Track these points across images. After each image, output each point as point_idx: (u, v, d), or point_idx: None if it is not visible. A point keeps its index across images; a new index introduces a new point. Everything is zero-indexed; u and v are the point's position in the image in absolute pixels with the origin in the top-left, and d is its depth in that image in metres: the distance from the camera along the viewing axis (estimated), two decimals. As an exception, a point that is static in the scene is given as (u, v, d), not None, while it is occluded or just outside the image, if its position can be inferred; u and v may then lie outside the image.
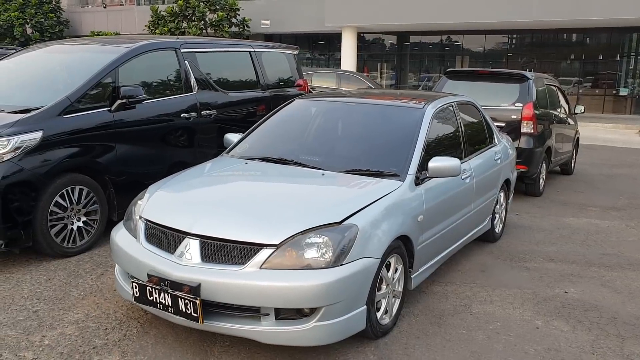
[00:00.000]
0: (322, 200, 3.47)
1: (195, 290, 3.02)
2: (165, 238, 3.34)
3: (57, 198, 4.70)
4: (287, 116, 4.82)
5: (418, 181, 3.91)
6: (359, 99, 4.79)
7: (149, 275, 3.19)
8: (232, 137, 4.72)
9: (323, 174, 3.86)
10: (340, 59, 25.78)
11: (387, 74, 30.30)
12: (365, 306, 3.26)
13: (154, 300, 3.16)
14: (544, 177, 8.26)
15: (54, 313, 3.79)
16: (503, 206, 5.87)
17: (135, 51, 5.46)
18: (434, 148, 4.31)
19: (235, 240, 3.12)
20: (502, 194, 5.75)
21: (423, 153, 4.05)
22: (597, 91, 24.90)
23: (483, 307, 4.12)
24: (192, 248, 3.19)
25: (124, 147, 5.25)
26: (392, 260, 3.55)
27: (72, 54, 5.75)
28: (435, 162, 3.92)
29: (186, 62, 6.00)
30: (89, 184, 4.97)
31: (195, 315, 3.03)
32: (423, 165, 4.00)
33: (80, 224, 4.93)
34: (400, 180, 3.80)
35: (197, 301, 2.99)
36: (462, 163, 4.58)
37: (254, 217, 3.26)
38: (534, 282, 4.69)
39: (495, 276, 4.78)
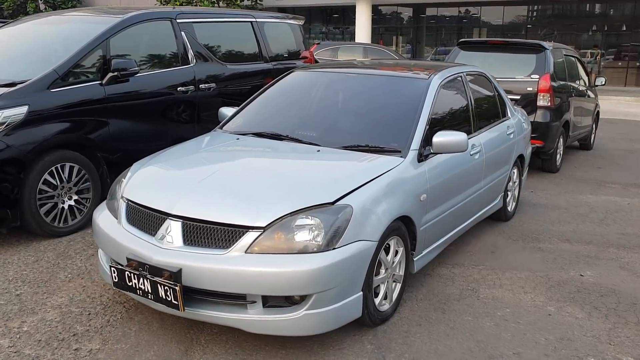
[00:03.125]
0: (315, 178, 3.21)
1: (176, 276, 2.80)
2: (146, 219, 3.11)
3: (46, 176, 4.51)
4: (284, 88, 4.54)
5: (421, 157, 3.63)
6: (360, 70, 4.48)
7: (128, 259, 2.98)
8: (227, 111, 4.46)
9: (318, 150, 3.60)
10: (355, 33, 25.25)
11: (403, 48, 29.70)
12: (361, 292, 3.02)
13: (133, 286, 2.95)
14: (562, 152, 7.90)
15: (37, 297, 3.61)
16: (516, 183, 5.56)
17: (127, 22, 5.20)
18: (439, 122, 4.02)
19: (219, 222, 2.89)
20: (515, 171, 5.44)
21: (427, 127, 3.76)
22: (619, 63, 24.15)
23: (491, 292, 3.87)
24: (173, 230, 2.96)
25: (117, 122, 5.03)
26: (391, 243, 3.30)
27: (62, 25, 5.50)
28: (440, 137, 3.64)
29: (183, 33, 5.72)
30: (80, 161, 4.77)
31: (176, 302, 2.81)
32: (427, 141, 3.71)
33: (72, 202, 4.73)
34: (401, 157, 3.52)
35: (178, 288, 2.77)
36: (470, 138, 4.32)
37: (240, 197, 3.02)
38: (547, 264, 4.41)
39: (506, 258, 4.51)
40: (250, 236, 2.84)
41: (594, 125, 9.65)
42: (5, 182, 4.26)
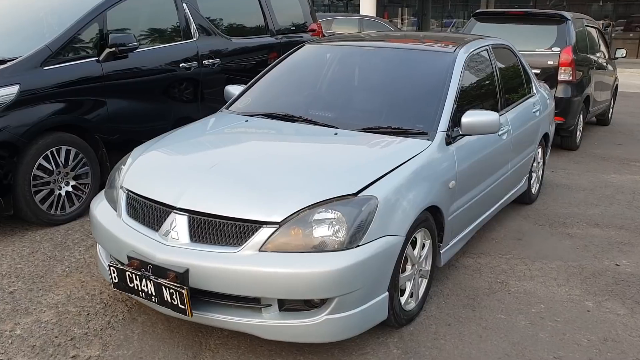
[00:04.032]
0: (334, 166, 2.89)
1: (182, 277, 2.50)
2: (149, 212, 2.80)
3: (41, 160, 4.20)
4: (295, 64, 4.19)
5: (449, 139, 3.30)
6: (379, 43, 4.13)
7: (129, 258, 2.68)
8: (233, 89, 4.12)
9: (336, 133, 3.27)
10: (359, 5, 24.61)
11: (408, 20, 29.06)
12: (387, 293, 2.73)
13: (135, 287, 2.65)
14: (581, 129, 7.55)
15: (32, 294, 3.33)
16: (540, 164, 5.24)
17: (124, -8, 4.83)
18: (466, 100, 3.68)
19: (230, 216, 2.58)
20: (539, 150, 5.11)
21: (455, 106, 3.43)
22: (631, 34, 23.53)
23: (522, 285, 3.57)
24: (179, 225, 2.65)
25: (115, 102, 4.70)
26: (418, 236, 2.99)
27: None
28: (470, 117, 3.31)
29: (184, 5, 5.35)
30: (77, 144, 4.45)
31: (183, 307, 2.52)
32: (455, 121, 3.38)
33: (69, 188, 4.43)
34: (428, 140, 3.20)
35: (184, 291, 2.48)
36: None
37: (252, 188, 2.70)
38: (578, 252, 4.11)
39: (534, 245, 4.21)
40: (264, 232, 2.54)
41: (612, 100, 9.27)
42: (-4, 168, 3.96)
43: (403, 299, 2.95)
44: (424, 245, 3.09)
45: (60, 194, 4.37)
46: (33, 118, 4.13)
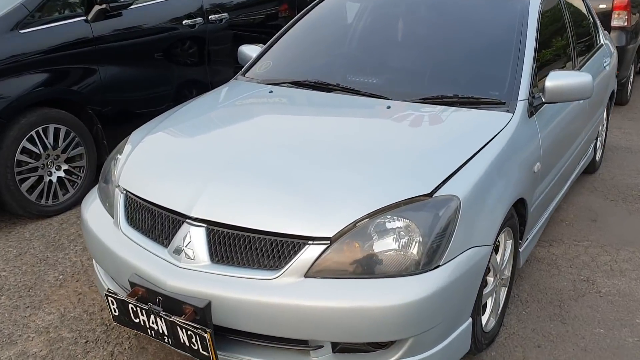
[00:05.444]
0: (395, 154, 2.19)
1: (203, 313, 1.86)
2: (154, 221, 2.14)
3: (25, 143, 3.54)
4: (323, 17, 3.43)
5: (531, 109, 2.59)
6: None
7: (132, 284, 2.03)
8: (249, 50, 3.38)
9: (389, 107, 2.56)
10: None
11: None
12: (470, 319, 2.09)
13: (142, 323, 2.02)
14: (632, 80, 6.77)
15: (18, 314, 2.72)
16: (604, 126, 4.52)
17: (113, -64, 4.05)
18: (542, 58, 2.94)
19: (264, 230, 1.92)
20: (605, 110, 4.39)
21: (535, 66, 2.71)
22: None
23: (613, 283, 2.93)
24: (194, 240, 1.99)
25: (109, 68, 3.99)
26: (501, 238, 2.33)
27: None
28: (557, 80, 2.59)
29: (185, -50, 4.57)
30: (68, 120, 3.77)
31: (206, 354, 1.89)
32: (535, 85, 2.67)
33: (61, 173, 3.78)
34: (507, 111, 2.49)
35: (207, 335, 1.84)
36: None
37: (290, 189, 2.02)
38: (669, 235, 3.45)
39: (612, 228, 3.54)
40: (311, 252, 1.87)
41: (658, 46, 8.42)
42: (-30, 155, 3.31)
43: (484, 319, 2.31)
44: (506, 248, 2.43)
45: (50, 180, 3.73)
46: (11, 93, 3.45)
